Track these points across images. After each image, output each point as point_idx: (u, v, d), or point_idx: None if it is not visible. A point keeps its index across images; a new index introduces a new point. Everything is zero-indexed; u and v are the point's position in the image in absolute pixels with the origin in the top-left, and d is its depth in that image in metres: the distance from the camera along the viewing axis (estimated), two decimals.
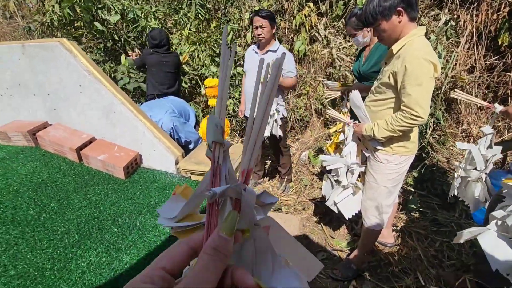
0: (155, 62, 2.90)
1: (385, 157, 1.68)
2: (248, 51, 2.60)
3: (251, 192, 0.28)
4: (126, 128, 1.55)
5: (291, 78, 2.46)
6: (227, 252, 0.24)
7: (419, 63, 1.36)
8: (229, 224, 0.25)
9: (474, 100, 1.60)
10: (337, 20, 3.44)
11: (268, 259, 0.30)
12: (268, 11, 2.33)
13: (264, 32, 2.31)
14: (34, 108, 1.66)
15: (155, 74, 2.95)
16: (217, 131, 0.30)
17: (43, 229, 1.16)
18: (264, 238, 0.30)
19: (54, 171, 1.45)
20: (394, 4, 1.37)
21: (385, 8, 1.38)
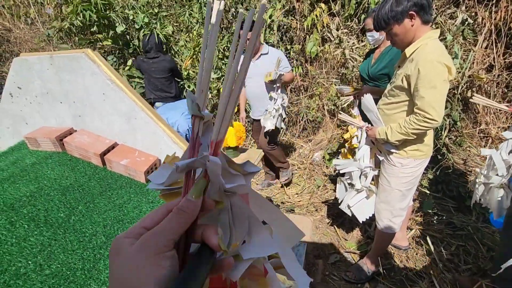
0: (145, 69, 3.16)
1: (399, 160, 1.69)
2: None
3: (215, 162, 0.29)
4: (146, 133, 1.62)
5: (288, 72, 2.56)
6: (191, 211, 0.28)
7: (432, 66, 1.36)
8: (195, 189, 0.29)
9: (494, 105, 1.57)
10: (349, 20, 3.41)
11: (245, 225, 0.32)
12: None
13: None
14: (61, 115, 1.76)
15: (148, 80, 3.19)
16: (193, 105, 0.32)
17: (73, 231, 1.24)
18: (241, 205, 0.32)
19: (80, 175, 1.54)
20: (406, 8, 1.37)
21: (397, 12, 1.39)
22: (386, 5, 1.39)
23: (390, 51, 2.03)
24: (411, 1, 1.33)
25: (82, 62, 1.55)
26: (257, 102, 2.64)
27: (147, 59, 3.07)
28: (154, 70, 3.08)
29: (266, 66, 2.46)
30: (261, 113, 2.67)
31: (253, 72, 2.53)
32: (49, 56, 1.59)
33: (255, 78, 2.53)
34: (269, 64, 2.45)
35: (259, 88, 2.55)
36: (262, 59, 2.52)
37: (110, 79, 1.55)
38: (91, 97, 1.63)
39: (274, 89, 2.51)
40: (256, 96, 2.61)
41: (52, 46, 4.33)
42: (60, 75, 1.64)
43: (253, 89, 2.60)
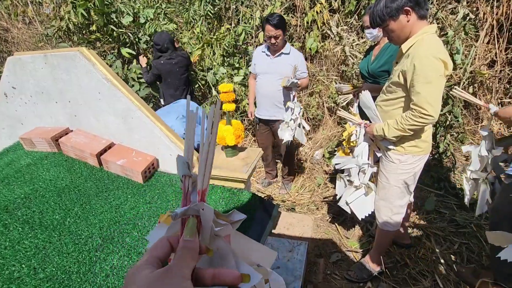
0: (167, 71, 2.93)
1: (397, 157, 1.68)
2: (258, 52, 2.59)
3: (209, 210, 0.34)
4: (143, 133, 1.59)
5: (305, 78, 2.49)
6: (193, 247, 0.32)
7: (428, 61, 1.34)
8: (188, 229, 0.33)
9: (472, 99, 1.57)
10: (349, 16, 3.38)
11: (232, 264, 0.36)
12: (278, 18, 2.25)
13: (278, 41, 2.32)
14: (56, 114, 1.73)
15: (171, 83, 2.97)
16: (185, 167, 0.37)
17: (68, 233, 1.21)
18: (225, 247, 0.37)
19: (76, 176, 1.51)
20: (401, 4, 1.36)
21: (392, 9, 1.37)
22: (381, 2, 1.37)
23: (389, 47, 2.00)
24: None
25: (77, 60, 1.52)
26: (265, 100, 2.54)
27: (167, 60, 2.87)
28: (178, 70, 2.93)
29: (283, 66, 2.37)
30: (268, 113, 2.60)
31: (269, 68, 2.44)
32: (43, 55, 1.56)
33: (269, 76, 2.44)
34: (287, 65, 2.35)
35: (270, 87, 2.45)
36: (281, 58, 2.41)
37: (106, 78, 1.52)
38: (86, 96, 1.60)
39: (289, 96, 2.41)
40: (265, 94, 2.52)
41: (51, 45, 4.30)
42: (54, 74, 1.61)
43: (263, 86, 2.50)
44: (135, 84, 3.13)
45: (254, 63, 2.55)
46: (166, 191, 1.50)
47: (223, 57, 3.36)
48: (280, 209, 2.78)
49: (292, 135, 2.44)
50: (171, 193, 1.48)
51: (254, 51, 2.62)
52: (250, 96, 2.76)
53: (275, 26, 2.21)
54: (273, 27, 2.21)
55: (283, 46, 2.40)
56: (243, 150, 1.59)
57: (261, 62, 2.49)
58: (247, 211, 1.39)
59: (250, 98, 2.77)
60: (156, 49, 2.90)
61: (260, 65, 2.50)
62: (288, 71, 2.33)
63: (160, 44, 2.85)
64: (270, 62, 2.44)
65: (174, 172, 1.61)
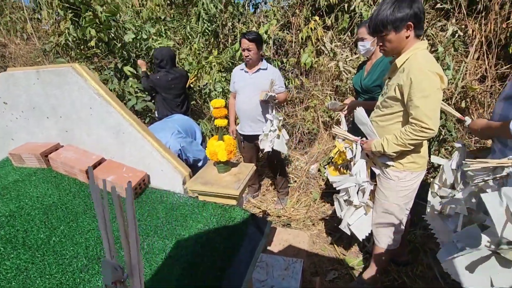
0: (162, 87, 2.95)
1: (395, 174, 1.66)
2: (237, 71, 2.69)
3: None
4: (134, 148, 1.57)
5: (283, 92, 2.56)
6: None
7: (424, 75, 1.35)
8: None
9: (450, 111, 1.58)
10: (343, 33, 3.46)
11: None
12: (255, 34, 2.40)
13: (251, 54, 2.42)
14: (47, 130, 1.71)
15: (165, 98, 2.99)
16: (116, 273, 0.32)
17: (53, 253, 1.17)
18: None
19: (64, 193, 1.48)
20: (406, 17, 1.36)
21: (397, 19, 1.37)
22: (387, 10, 1.35)
23: (381, 62, 2.02)
24: (412, 11, 1.32)
25: (69, 76, 1.52)
26: (247, 116, 2.59)
27: (164, 76, 2.88)
28: (174, 87, 2.93)
29: (261, 81, 2.44)
30: (250, 129, 2.62)
31: (247, 84, 2.50)
32: (35, 71, 1.56)
33: (248, 91, 2.50)
34: (265, 80, 2.42)
35: (250, 103, 2.50)
36: (259, 73, 2.48)
37: (98, 93, 1.51)
38: (78, 111, 1.59)
39: (268, 109, 2.47)
40: (246, 110, 2.56)
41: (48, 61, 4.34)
42: (47, 90, 1.61)
43: (244, 102, 2.55)
44: (131, 98, 3.13)
45: (234, 81, 2.63)
46: (157, 208, 1.46)
47: (220, 73, 3.40)
48: (275, 225, 2.73)
49: (271, 146, 2.47)
50: (162, 210, 1.45)
51: (233, 71, 2.69)
52: (230, 115, 2.80)
53: (248, 39, 2.34)
54: (246, 40, 2.34)
55: (258, 61, 2.46)
56: (236, 165, 1.57)
57: (240, 79, 2.56)
58: (239, 228, 1.35)
59: (230, 116, 2.80)
60: (155, 63, 2.93)
61: (238, 82, 2.57)
62: (266, 85, 2.40)
63: (160, 59, 2.89)
64: (249, 78, 2.50)
65: (166, 188, 1.58)
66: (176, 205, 1.47)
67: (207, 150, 1.46)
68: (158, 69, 2.93)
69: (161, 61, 2.89)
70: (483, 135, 1.46)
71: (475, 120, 1.47)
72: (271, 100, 2.41)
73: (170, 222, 1.38)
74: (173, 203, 1.48)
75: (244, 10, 3.97)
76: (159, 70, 2.92)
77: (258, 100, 2.45)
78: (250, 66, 2.50)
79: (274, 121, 2.44)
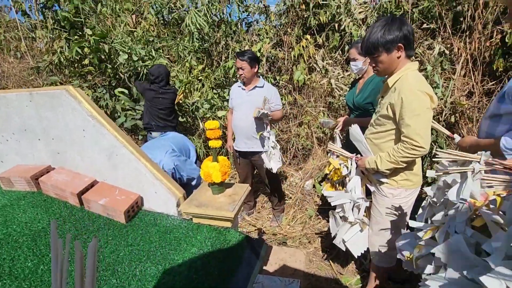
0: (150, 98, 3.02)
1: (390, 191, 1.66)
2: (234, 88, 2.73)
3: None
4: (128, 170, 1.55)
5: (278, 110, 2.58)
6: None
7: (415, 95, 1.38)
8: None
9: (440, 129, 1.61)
10: (334, 51, 3.55)
11: None
12: (248, 53, 2.44)
13: (245, 72, 2.47)
14: (39, 152, 1.69)
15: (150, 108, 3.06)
16: None
17: (40, 283, 1.12)
18: None
19: (54, 217, 1.44)
20: (396, 39, 1.40)
21: (387, 41, 1.42)
22: (378, 32, 1.40)
23: (372, 80, 2.07)
24: (401, 33, 1.37)
25: (63, 98, 1.52)
26: (242, 133, 2.60)
27: (155, 88, 2.97)
28: (162, 100, 3.01)
29: (257, 99, 2.45)
30: (245, 145, 2.63)
31: (243, 101, 2.52)
32: (28, 93, 1.55)
33: (244, 109, 2.52)
34: (261, 98, 2.45)
35: (246, 120, 2.52)
36: (255, 91, 2.51)
37: (91, 115, 1.51)
38: (71, 133, 1.58)
39: (263, 126, 2.49)
40: (242, 127, 2.58)
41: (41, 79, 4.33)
42: (40, 112, 1.60)
43: (240, 119, 2.57)
44: (121, 115, 3.14)
45: (231, 98, 2.67)
46: (150, 231, 1.43)
47: (212, 89, 3.43)
48: (271, 243, 2.69)
49: (279, 162, 2.47)
50: (155, 234, 1.42)
51: (232, 87, 2.73)
52: (228, 130, 2.83)
53: (241, 59, 2.40)
54: (239, 59, 2.40)
55: (252, 79, 2.50)
56: (230, 186, 1.56)
57: (237, 96, 2.60)
58: (234, 252, 1.33)
59: (228, 132, 2.83)
60: (151, 79, 2.98)
61: (235, 99, 2.61)
62: (261, 103, 2.42)
63: (155, 75, 2.95)
64: (245, 95, 2.53)
65: (159, 210, 1.56)
66: (169, 228, 1.45)
67: (201, 171, 1.46)
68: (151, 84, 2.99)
69: (157, 77, 2.95)
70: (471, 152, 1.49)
71: (464, 138, 1.50)
72: (264, 117, 2.42)
73: (163, 246, 1.35)
74: (166, 226, 1.46)
75: (237, 28, 4.06)
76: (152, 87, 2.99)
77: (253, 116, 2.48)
78: (246, 83, 2.53)
79: (271, 137, 2.45)
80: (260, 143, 2.57)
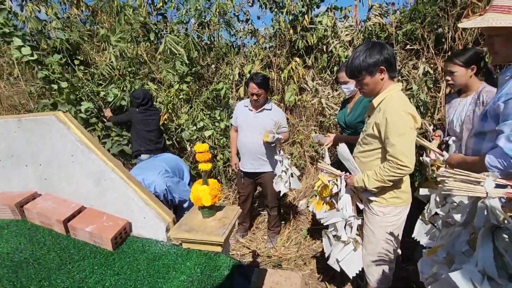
0: (139, 121, 3.06)
1: (380, 209, 1.67)
2: (240, 106, 2.69)
3: None
4: (116, 195, 1.53)
5: (286, 132, 2.59)
6: None
7: (398, 115, 1.42)
8: None
9: (430, 146, 1.65)
10: (323, 71, 3.65)
11: None
12: (262, 77, 2.39)
13: (260, 98, 2.46)
14: (25, 178, 1.66)
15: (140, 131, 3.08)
16: None
17: None
18: None
19: (38, 246, 1.39)
20: (378, 62, 1.46)
21: (369, 64, 1.48)
22: (360, 56, 1.46)
23: (363, 100, 2.13)
24: (382, 57, 1.43)
25: (52, 124, 1.52)
26: (249, 154, 2.59)
27: (143, 110, 3.03)
28: (151, 122, 3.06)
29: (266, 121, 2.46)
30: (252, 166, 2.61)
31: (251, 123, 2.52)
32: (16, 120, 1.55)
33: (252, 130, 2.51)
34: (269, 120, 2.46)
35: (253, 141, 2.51)
36: (264, 113, 2.51)
37: (80, 141, 1.50)
38: (59, 159, 1.56)
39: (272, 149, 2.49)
40: (249, 148, 2.56)
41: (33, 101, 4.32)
42: (28, 138, 1.59)
43: (247, 140, 2.56)
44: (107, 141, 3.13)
45: (236, 117, 2.64)
46: (138, 259, 1.39)
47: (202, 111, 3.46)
48: (266, 266, 2.62)
49: (288, 186, 2.46)
50: (143, 261, 1.37)
51: (237, 105, 2.74)
52: (232, 148, 2.81)
53: (258, 85, 2.36)
54: (256, 85, 2.37)
55: (265, 103, 2.52)
56: (221, 209, 1.54)
57: (243, 116, 2.58)
58: (225, 278, 1.29)
59: (232, 150, 2.81)
60: (137, 102, 3.02)
61: (242, 119, 2.59)
62: (269, 125, 2.42)
63: (141, 98, 3.02)
64: (253, 117, 2.53)
65: (148, 236, 1.52)
66: (158, 254, 1.40)
67: (191, 195, 1.44)
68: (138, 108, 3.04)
69: (143, 99, 3.04)
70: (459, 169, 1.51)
71: (452, 155, 1.53)
72: (276, 142, 2.42)
73: (151, 274, 1.30)
74: (155, 253, 1.41)
75: (228, 51, 4.16)
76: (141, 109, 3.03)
77: (262, 139, 2.45)
78: (255, 106, 2.53)
79: (284, 161, 2.43)
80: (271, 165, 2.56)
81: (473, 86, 1.85)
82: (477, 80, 1.86)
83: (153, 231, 1.50)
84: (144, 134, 3.02)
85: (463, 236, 0.89)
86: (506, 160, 1.11)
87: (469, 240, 0.89)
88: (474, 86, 1.85)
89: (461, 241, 0.90)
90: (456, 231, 0.94)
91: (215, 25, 3.81)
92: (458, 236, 0.92)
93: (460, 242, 0.89)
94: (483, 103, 1.74)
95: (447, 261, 0.94)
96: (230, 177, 3.82)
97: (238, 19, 4.15)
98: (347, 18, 3.61)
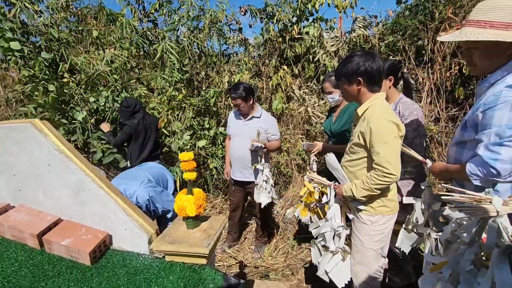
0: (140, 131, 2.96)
1: (368, 218, 1.67)
2: (232, 116, 2.72)
3: None
4: (96, 206, 1.46)
5: (276, 140, 2.58)
6: None
7: (382, 124, 1.44)
8: None
9: (413, 155, 1.68)
10: (310, 81, 3.70)
11: None
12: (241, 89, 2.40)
13: (241, 107, 2.48)
14: None
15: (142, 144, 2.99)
16: None
17: None
18: None
19: (9, 263, 1.30)
20: (355, 72, 1.49)
21: (347, 73, 1.51)
22: (343, 62, 1.52)
23: (348, 109, 2.17)
24: (362, 68, 1.45)
25: (28, 132, 1.45)
26: (238, 162, 2.59)
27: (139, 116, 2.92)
28: (153, 128, 2.99)
29: (254, 129, 2.45)
30: (241, 174, 2.59)
31: (240, 131, 2.52)
32: None
33: (241, 138, 2.51)
34: (257, 128, 2.44)
35: (241, 149, 2.50)
36: (252, 121, 2.51)
37: (58, 149, 1.43)
38: (35, 169, 1.49)
39: (257, 158, 2.46)
40: (237, 156, 2.57)
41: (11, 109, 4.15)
42: (2, 147, 1.50)
43: (236, 148, 2.57)
44: (98, 151, 3.01)
45: (229, 125, 2.67)
46: (118, 274, 1.32)
47: (192, 119, 3.42)
48: (253, 277, 2.57)
49: (270, 196, 2.44)
50: (123, 276, 1.31)
51: (229, 114, 2.74)
52: (226, 156, 2.83)
53: (234, 98, 2.41)
54: (234, 97, 2.41)
55: (251, 110, 2.52)
56: (206, 219, 1.50)
57: (234, 125, 2.61)
58: None
59: (226, 158, 2.84)
60: (129, 111, 2.91)
61: (233, 127, 2.61)
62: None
63: (133, 105, 2.91)
64: (242, 125, 2.54)
65: (129, 249, 1.45)
66: (140, 268, 1.34)
67: (175, 205, 1.39)
68: (133, 116, 2.93)
69: (134, 106, 2.92)
70: (442, 177, 1.54)
71: (435, 163, 1.56)
72: (259, 150, 2.41)
73: None
74: (136, 267, 1.35)
75: (218, 60, 4.17)
76: (134, 116, 2.92)
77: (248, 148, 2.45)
78: (244, 115, 2.54)
79: (265, 170, 2.41)
80: (254, 175, 2.53)
81: (392, 96, 1.88)
82: (395, 91, 1.91)
83: (134, 244, 1.44)
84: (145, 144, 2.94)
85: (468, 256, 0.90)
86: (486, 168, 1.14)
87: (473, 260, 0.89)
88: (392, 97, 1.88)
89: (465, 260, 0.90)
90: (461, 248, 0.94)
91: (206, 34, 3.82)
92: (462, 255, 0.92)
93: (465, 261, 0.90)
94: (399, 113, 1.80)
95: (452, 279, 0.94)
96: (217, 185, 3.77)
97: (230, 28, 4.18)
98: (333, 29, 3.71)
